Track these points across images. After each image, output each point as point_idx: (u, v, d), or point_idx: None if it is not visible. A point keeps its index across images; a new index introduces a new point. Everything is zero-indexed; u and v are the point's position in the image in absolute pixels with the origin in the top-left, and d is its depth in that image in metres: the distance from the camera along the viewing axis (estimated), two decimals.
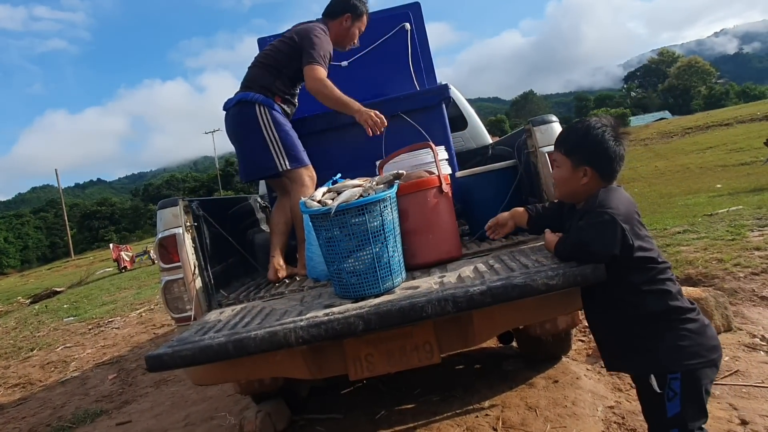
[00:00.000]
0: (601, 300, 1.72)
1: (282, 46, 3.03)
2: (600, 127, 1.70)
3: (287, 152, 2.89)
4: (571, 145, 1.75)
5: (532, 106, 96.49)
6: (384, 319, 1.80)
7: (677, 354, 1.56)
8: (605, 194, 1.65)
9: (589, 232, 1.65)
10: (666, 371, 1.56)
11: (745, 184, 9.59)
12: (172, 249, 2.40)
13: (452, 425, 2.80)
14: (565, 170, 1.75)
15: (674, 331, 1.58)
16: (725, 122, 27.52)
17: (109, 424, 3.97)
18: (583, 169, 1.71)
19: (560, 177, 1.79)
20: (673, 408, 1.55)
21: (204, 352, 1.83)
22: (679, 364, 1.55)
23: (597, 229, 1.61)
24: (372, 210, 1.97)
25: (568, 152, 1.75)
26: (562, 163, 1.77)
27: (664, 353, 1.57)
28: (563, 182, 1.78)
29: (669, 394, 1.55)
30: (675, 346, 1.56)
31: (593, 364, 3.29)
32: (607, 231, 1.59)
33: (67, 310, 10.88)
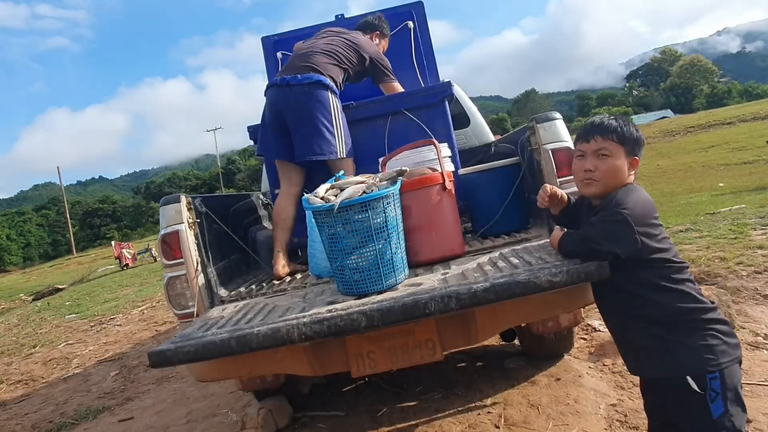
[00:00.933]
0: (625, 303, 1.66)
1: (350, 51, 3.15)
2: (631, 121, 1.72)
3: (346, 141, 2.95)
4: (626, 133, 1.65)
5: (533, 104, 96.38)
6: (386, 315, 1.80)
7: (712, 353, 1.52)
8: (624, 193, 1.61)
9: (599, 228, 1.62)
10: (703, 372, 1.52)
11: (747, 182, 9.58)
12: (174, 245, 2.40)
13: (454, 423, 2.80)
14: (617, 159, 1.65)
15: (704, 330, 1.55)
16: (728, 121, 27.46)
17: (111, 420, 3.98)
18: (632, 159, 1.66)
19: (613, 167, 1.65)
20: (717, 408, 1.51)
21: (207, 348, 1.83)
22: (716, 363, 1.52)
23: (608, 226, 1.59)
24: (375, 207, 1.97)
25: (624, 140, 1.65)
26: (615, 152, 1.65)
27: (698, 353, 1.53)
28: (614, 173, 1.66)
29: (711, 394, 1.51)
30: (708, 345, 1.53)
31: (595, 362, 3.29)
32: (618, 230, 1.56)
33: (69, 308, 10.90)
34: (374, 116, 3.10)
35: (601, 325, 3.88)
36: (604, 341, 3.55)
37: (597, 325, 3.87)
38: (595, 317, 4.03)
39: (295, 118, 2.94)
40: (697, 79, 79.46)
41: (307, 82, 2.92)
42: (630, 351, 1.73)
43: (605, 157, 1.65)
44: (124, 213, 69.09)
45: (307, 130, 2.91)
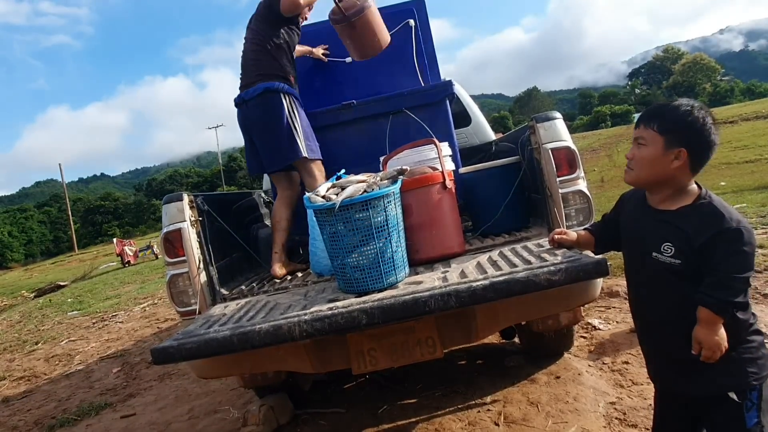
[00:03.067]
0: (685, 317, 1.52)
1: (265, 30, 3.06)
2: (703, 108, 1.52)
3: (306, 142, 2.95)
4: (669, 122, 1.53)
5: (535, 102, 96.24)
6: (387, 313, 1.82)
7: (755, 366, 1.49)
8: (721, 203, 1.50)
9: (742, 258, 1.45)
10: (748, 387, 1.49)
11: (749, 181, 9.53)
12: (177, 243, 2.42)
13: (454, 420, 2.81)
14: (654, 149, 1.53)
15: (748, 342, 1.51)
16: (730, 120, 27.33)
17: (114, 416, 4.00)
18: (677, 151, 1.50)
19: (645, 156, 1.55)
20: (752, 418, 1.49)
21: (208, 345, 1.85)
22: (759, 376, 1.49)
23: (746, 252, 1.45)
24: (376, 205, 1.99)
25: (664, 130, 1.52)
26: (651, 141, 1.54)
27: (743, 367, 1.50)
28: (647, 163, 1.54)
29: (747, 404, 1.49)
30: (752, 358, 1.50)
31: (595, 361, 3.30)
32: (753, 248, 1.46)
33: (71, 304, 10.94)
34: (375, 115, 3.11)
35: (601, 324, 3.89)
36: (604, 340, 3.57)
37: (597, 323, 3.88)
38: (595, 315, 4.04)
39: (257, 132, 3.04)
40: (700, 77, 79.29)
41: (257, 94, 2.97)
42: (675, 366, 1.62)
43: (641, 146, 1.57)
44: (126, 210, 69.17)
45: (267, 141, 3.00)
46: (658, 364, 1.71)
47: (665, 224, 1.54)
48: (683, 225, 1.50)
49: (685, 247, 1.49)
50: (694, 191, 1.53)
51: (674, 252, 1.51)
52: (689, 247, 1.48)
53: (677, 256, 1.50)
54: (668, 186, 1.55)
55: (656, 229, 1.56)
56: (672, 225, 1.52)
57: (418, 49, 3.64)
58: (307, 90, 3.52)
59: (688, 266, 1.49)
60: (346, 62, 3.68)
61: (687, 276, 1.50)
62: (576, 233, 1.89)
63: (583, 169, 2.41)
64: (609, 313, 4.08)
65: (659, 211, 1.57)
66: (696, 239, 1.46)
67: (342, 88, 3.47)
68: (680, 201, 1.53)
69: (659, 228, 1.55)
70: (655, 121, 1.55)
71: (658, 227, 1.56)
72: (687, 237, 1.48)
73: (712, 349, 1.45)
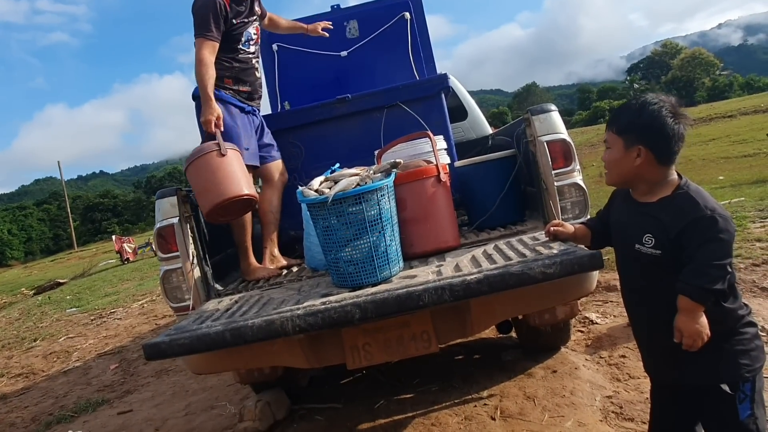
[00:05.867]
0: (663, 308, 1.54)
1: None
2: (657, 102, 1.54)
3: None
4: (623, 122, 1.58)
5: (534, 98, 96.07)
6: (381, 307, 1.81)
7: (748, 359, 1.50)
8: (698, 192, 1.51)
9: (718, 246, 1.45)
10: (741, 379, 1.50)
11: (747, 175, 9.52)
12: (170, 239, 2.41)
13: (451, 414, 2.81)
14: (617, 151, 1.59)
15: (741, 335, 1.51)
16: (729, 114, 27.31)
17: (111, 413, 4.00)
18: (636, 149, 1.54)
19: (611, 159, 1.61)
20: (744, 410, 1.50)
21: (201, 340, 1.84)
22: (752, 369, 1.50)
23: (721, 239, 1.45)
24: (369, 199, 1.97)
25: (620, 131, 1.58)
26: (613, 143, 1.60)
27: (736, 360, 1.50)
28: (614, 164, 1.61)
29: (740, 396, 1.50)
30: (744, 350, 1.50)
31: (592, 355, 3.29)
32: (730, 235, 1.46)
33: (70, 301, 10.93)
34: (370, 109, 3.09)
35: (598, 318, 3.88)
36: (601, 334, 3.56)
37: (594, 317, 3.88)
38: (592, 309, 4.03)
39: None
40: (699, 72, 79.10)
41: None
42: (667, 358, 1.62)
43: (608, 149, 1.63)
44: (125, 207, 69.08)
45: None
46: (651, 356, 1.72)
47: (646, 216, 1.56)
48: (661, 215, 1.51)
49: (663, 237, 1.50)
50: (673, 182, 1.55)
51: (654, 243, 1.52)
52: (667, 237, 1.50)
53: (657, 246, 1.52)
54: (641, 182, 1.58)
55: (638, 221, 1.58)
56: (651, 216, 1.54)
57: (413, 42, 3.62)
58: (301, 84, 3.50)
59: (668, 256, 1.50)
60: (341, 56, 3.67)
61: (668, 266, 1.51)
62: (573, 226, 1.88)
63: (579, 162, 2.40)
64: (606, 307, 4.07)
65: (641, 203, 1.60)
66: (672, 229, 1.48)
67: (337, 82, 3.45)
68: (660, 193, 1.55)
69: (641, 220, 1.57)
70: (614, 124, 1.60)
71: (639, 220, 1.58)
72: (664, 227, 1.50)
73: (692, 337, 1.45)
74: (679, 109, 1.54)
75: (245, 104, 2.91)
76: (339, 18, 3.68)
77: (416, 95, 3.05)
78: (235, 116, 2.83)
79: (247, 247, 2.79)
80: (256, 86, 3.00)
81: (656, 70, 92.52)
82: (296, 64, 3.49)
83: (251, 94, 2.97)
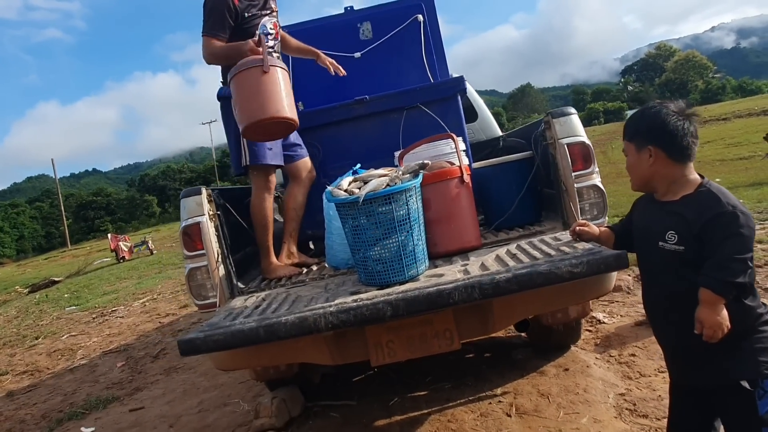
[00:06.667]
0: (685, 306, 1.57)
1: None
2: (656, 105, 1.66)
3: (250, 149, 2.83)
4: (631, 128, 1.70)
5: (529, 99, 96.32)
6: (412, 305, 1.85)
7: (766, 356, 1.54)
8: (720, 189, 1.56)
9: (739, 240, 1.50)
10: (760, 376, 1.54)
11: (743, 178, 9.63)
12: (195, 237, 2.44)
13: (466, 411, 2.85)
14: (632, 156, 1.69)
15: (759, 332, 1.56)
16: (723, 117, 27.55)
17: (122, 410, 4.02)
18: (647, 150, 1.63)
19: (629, 164, 1.71)
20: (764, 405, 1.54)
21: (235, 336, 1.88)
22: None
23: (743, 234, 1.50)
24: (398, 199, 2.02)
25: (630, 137, 1.70)
26: (628, 150, 1.71)
27: (755, 357, 1.54)
28: (633, 169, 1.70)
29: (759, 392, 1.54)
30: (764, 348, 1.54)
31: (602, 353, 3.35)
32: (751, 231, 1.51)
33: (68, 300, 10.90)
34: (387, 110, 3.13)
35: (605, 317, 3.94)
36: (609, 333, 3.62)
37: (601, 317, 3.94)
38: (599, 310, 4.09)
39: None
40: (692, 74, 79.60)
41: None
42: (686, 357, 1.68)
43: (627, 156, 1.72)
44: (119, 206, 68.70)
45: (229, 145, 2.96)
46: (674, 357, 1.75)
47: (669, 214, 1.61)
48: (684, 212, 1.57)
49: (687, 233, 1.55)
50: (695, 181, 1.61)
51: (677, 239, 1.57)
52: (690, 233, 1.55)
53: (680, 242, 1.57)
54: (661, 181, 1.64)
55: (661, 219, 1.63)
56: (675, 214, 1.59)
57: (426, 44, 3.66)
58: (315, 86, 3.53)
59: (691, 252, 1.55)
60: (354, 57, 3.70)
61: (691, 262, 1.56)
62: (598, 228, 1.93)
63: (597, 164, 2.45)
64: (613, 307, 4.14)
65: (664, 203, 1.65)
66: (695, 224, 1.53)
67: (351, 83, 3.48)
68: (682, 191, 1.61)
69: (664, 218, 1.62)
70: (625, 132, 1.71)
71: (663, 218, 1.63)
72: (687, 223, 1.55)
73: (713, 328, 1.50)
74: (685, 108, 1.61)
75: None
76: (352, 20, 3.71)
77: (433, 97, 3.09)
78: None
79: (269, 246, 2.82)
80: None
81: (650, 73, 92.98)
82: (310, 65, 3.51)
83: None
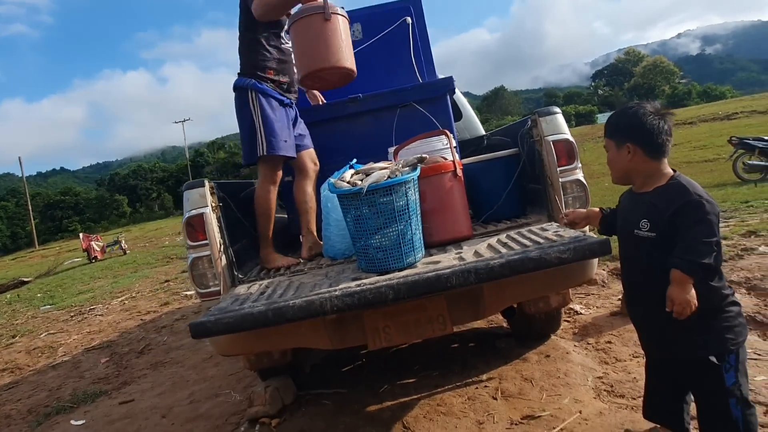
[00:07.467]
0: (658, 287, 1.72)
1: (241, 16, 2.99)
2: (635, 105, 1.81)
3: (267, 138, 2.88)
4: (611, 126, 1.85)
5: (502, 101, 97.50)
6: (413, 288, 1.97)
7: (733, 333, 1.72)
8: (688, 181, 1.73)
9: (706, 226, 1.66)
10: (727, 351, 1.72)
11: (709, 179, 10.07)
12: (199, 227, 2.52)
13: (454, 396, 2.98)
14: (612, 152, 1.84)
15: (726, 312, 1.73)
16: (689, 121, 28.51)
17: (111, 403, 4.03)
18: (626, 146, 1.79)
19: (610, 159, 1.87)
20: (730, 378, 1.72)
21: (246, 319, 1.97)
22: (736, 342, 1.72)
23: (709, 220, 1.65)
24: (398, 190, 2.14)
25: (611, 134, 1.85)
26: (609, 147, 1.86)
27: (723, 334, 1.72)
28: (613, 164, 1.86)
29: (726, 366, 1.72)
30: (730, 326, 1.72)
31: (580, 341, 3.52)
32: (716, 217, 1.66)
33: (42, 299, 10.72)
34: (380, 108, 3.26)
35: (582, 309, 4.14)
36: (587, 323, 3.81)
37: (578, 308, 4.13)
38: (576, 301, 4.29)
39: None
40: (659, 79, 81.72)
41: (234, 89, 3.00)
42: (659, 334, 1.85)
43: (607, 152, 1.90)
44: (87, 205, 67.21)
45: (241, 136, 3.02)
46: (648, 333, 1.94)
47: (643, 204, 1.80)
48: (656, 202, 1.75)
49: (658, 220, 1.73)
50: (668, 174, 1.79)
51: (650, 227, 1.76)
52: (661, 220, 1.72)
53: (652, 229, 1.75)
54: (638, 175, 1.82)
55: (636, 208, 1.82)
56: (648, 203, 1.78)
57: (414, 45, 3.80)
58: None
59: (662, 237, 1.73)
60: None
61: (662, 247, 1.73)
62: (586, 209, 2.14)
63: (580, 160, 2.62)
64: (589, 299, 4.34)
65: (640, 194, 1.84)
66: (666, 212, 1.71)
67: None
68: (655, 183, 1.79)
69: (639, 207, 1.81)
70: (606, 130, 1.88)
71: (638, 207, 1.82)
72: (659, 211, 1.73)
73: (682, 305, 1.67)
74: (661, 109, 1.81)
75: (284, 97, 3.01)
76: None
77: (424, 96, 3.24)
78: (275, 109, 2.93)
79: (269, 237, 2.92)
80: (293, 79, 3.09)
81: (620, 77, 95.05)
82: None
83: (290, 86, 3.06)
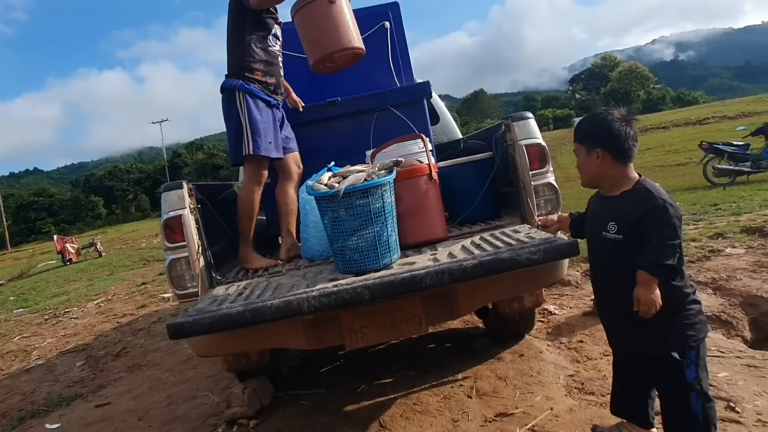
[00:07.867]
0: (625, 287, 1.81)
1: (230, 16, 2.98)
2: (603, 112, 1.88)
3: (253, 138, 2.90)
4: (582, 132, 1.92)
5: (482, 104, 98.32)
6: (388, 289, 2.02)
7: (694, 330, 1.81)
8: (653, 186, 1.80)
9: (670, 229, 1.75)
10: (688, 348, 1.81)
11: (680, 183, 10.35)
12: (177, 229, 2.53)
13: (430, 395, 3.04)
14: (582, 156, 1.91)
15: (687, 310, 1.83)
16: (663, 125, 29.17)
17: (87, 406, 4.00)
18: (595, 152, 1.85)
19: (579, 164, 1.93)
20: (691, 373, 1.81)
21: (223, 319, 2.00)
22: (697, 339, 1.81)
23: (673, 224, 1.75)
24: (375, 193, 2.19)
25: (581, 139, 1.91)
26: (578, 151, 1.92)
27: (684, 331, 1.81)
28: (582, 168, 1.92)
29: (687, 362, 1.81)
30: (691, 323, 1.82)
31: (553, 341, 3.62)
32: (679, 221, 1.75)
33: (14, 302, 10.51)
34: (358, 111, 3.30)
35: (556, 309, 4.24)
36: (560, 323, 3.90)
37: (552, 309, 4.23)
38: (550, 302, 4.39)
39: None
40: (635, 85, 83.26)
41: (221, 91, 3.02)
42: (625, 331, 1.93)
43: (577, 157, 1.96)
44: (62, 207, 65.77)
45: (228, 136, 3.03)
46: (615, 331, 2.03)
47: (611, 207, 1.88)
48: (623, 206, 1.84)
49: (625, 223, 1.82)
50: (634, 179, 1.88)
51: (617, 229, 1.84)
52: (627, 223, 1.81)
53: (619, 232, 1.84)
54: (606, 180, 1.90)
55: (604, 212, 1.91)
56: (615, 207, 1.86)
57: (393, 49, 3.85)
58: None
59: (628, 240, 1.82)
60: None
61: (629, 249, 1.82)
62: (557, 215, 2.24)
63: (551, 164, 2.70)
64: (563, 300, 4.45)
65: (607, 197, 1.92)
66: (631, 216, 1.80)
67: (322, 85, 3.63)
68: (622, 188, 1.87)
69: (606, 211, 1.90)
70: (576, 135, 1.94)
71: (605, 210, 1.90)
72: (625, 215, 1.82)
73: (648, 305, 1.77)
74: (628, 115, 1.88)
75: (271, 98, 3.02)
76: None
77: (402, 100, 3.29)
78: (262, 110, 2.95)
79: (250, 237, 2.94)
80: (280, 82, 3.12)
81: (596, 82, 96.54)
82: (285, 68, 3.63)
83: (276, 88, 3.08)
